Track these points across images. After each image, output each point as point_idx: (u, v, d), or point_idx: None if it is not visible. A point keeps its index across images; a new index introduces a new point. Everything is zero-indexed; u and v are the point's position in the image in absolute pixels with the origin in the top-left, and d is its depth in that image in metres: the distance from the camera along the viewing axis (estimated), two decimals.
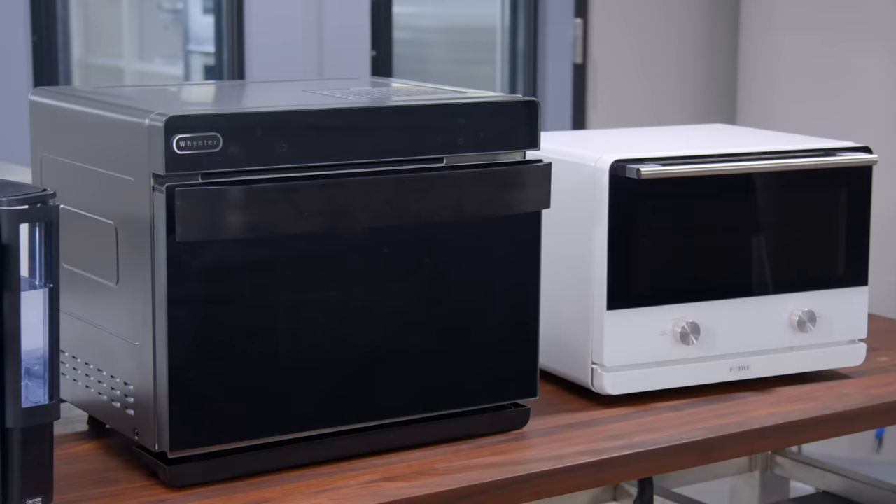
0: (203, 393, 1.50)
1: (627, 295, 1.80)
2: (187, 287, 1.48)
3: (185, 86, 2.58)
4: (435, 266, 1.62)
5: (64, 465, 1.54)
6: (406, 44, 5.08)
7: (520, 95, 1.72)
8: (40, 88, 1.71)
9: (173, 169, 1.45)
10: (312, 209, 1.52)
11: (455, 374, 1.65)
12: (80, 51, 5.01)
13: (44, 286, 1.38)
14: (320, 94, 1.68)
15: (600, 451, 1.66)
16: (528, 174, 1.65)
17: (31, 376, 1.39)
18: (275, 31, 4.53)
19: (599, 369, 1.81)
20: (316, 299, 1.56)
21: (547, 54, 4.99)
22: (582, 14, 4.95)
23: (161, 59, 5.68)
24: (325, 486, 1.52)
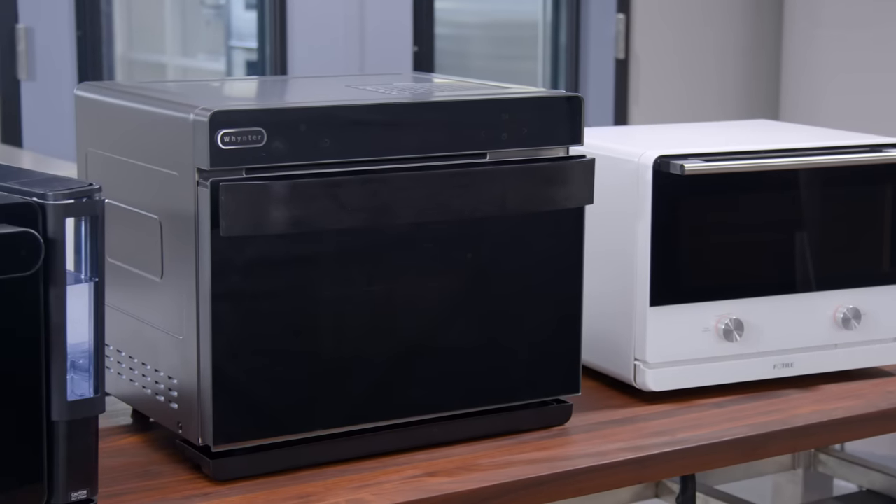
0: (246, 387, 1.50)
1: (671, 291, 1.80)
2: (231, 281, 1.48)
3: (228, 81, 2.59)
4: (477, 262, 1.62)
5: (108, 458, 1.55)
6: (447, 39, 5.08)
7: (563, 91, 1.71)
8: (86, 83, 1.71)
9: (218, 164, 1.46)
10: (355, 204, 1.52)
11: (498, 370, 1.65)
12: (122, 46, 5.03)
13: (89, 280, 1.39)
14: (364, 90, 1.69)
15: (643, 448, 1.66)
16: (572, 170, 1.64)
17: (76, 370, 1.39)
18: (317, 26, 4.54)
19: (642, 366, 1.80)
20: (358, 294, 1.56)
21: (589, 50, 4.98)
22: (624, 9, 4.94)
23: (203, 54, 5.70)
24: (367, 481, 1.52)
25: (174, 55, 5.67)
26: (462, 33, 5.48)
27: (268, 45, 4.58)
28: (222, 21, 5.53)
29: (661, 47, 4.96)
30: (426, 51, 4.73)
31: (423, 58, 4.71)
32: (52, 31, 4.13)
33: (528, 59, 5.40)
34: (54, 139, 4.04)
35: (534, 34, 5.31)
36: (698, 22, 5.01)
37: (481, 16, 5.62)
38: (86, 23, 4.23)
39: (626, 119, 4.94)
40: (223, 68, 5.46)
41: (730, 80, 5.07)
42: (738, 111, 5.04)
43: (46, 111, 4.08)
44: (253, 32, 4.86)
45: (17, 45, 4.06)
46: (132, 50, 5.33)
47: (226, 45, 5.50)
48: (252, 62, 5.16)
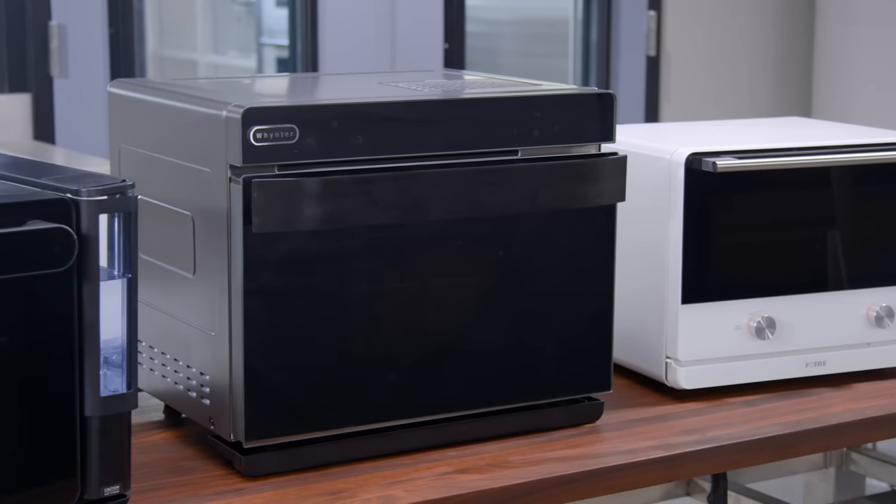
0: (278, 383, 1.51)
1: (702, 289, 1.79)
2: (263, 278, 1.49)
3: (260, 78, 2.60)
4: (509, 259, 1.62)
5: (140, 454, 1.55)
6: (478, 36, 5.07)
7: (595, 88, 1.71)
8: (119, 80, 1.72)
9: (250, 160, 1.46)
10: (387, 201, 1.52)
11: (529, 367, 1.65)
12: (154, 43, 5.05)
13: (122, 276, 1.40)
14: (395, 87, 1.69)
15: (674, 446, 1.65)
16: (604, 167, 1.64)
17: (109, 365, 1.40)
18: (348, 23, 4.55)
19: (673, 363, 1.80)
20: (390, 291, 1.56)
21: (620, 47, 4.97)
22: (655, 6, 4.93)
23: (234, 51, 5.72)
24: (398, 478, 1.53)
25: (205, 52, 5.68)
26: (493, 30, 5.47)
27: (299, 42, 4.59)
28: (253, 18, 5.54)
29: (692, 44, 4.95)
30: (457, 48, 4.73)
31: (454, 55, 4.71)
32: (84, 29, 4.14)
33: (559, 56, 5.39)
34: (87, 136, 4.06)
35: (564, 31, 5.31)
36: (730, 18, 5.00)
37: (512, 13, 5.61)
38: (118, 20, 4.24)
39: (656, 116, 4.93)
40: (254, 65, 5.47)
41: (761, 78, 5.05)
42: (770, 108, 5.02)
43: (79, 108, 4.09)
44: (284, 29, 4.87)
45: (50, 42, 4.08)
46: (163, 47, 5.34)
47: (257, 42, 5.51)
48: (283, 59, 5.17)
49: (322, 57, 4.54)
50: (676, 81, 4.94)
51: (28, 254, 1.31)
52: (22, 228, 1.30)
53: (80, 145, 4.01)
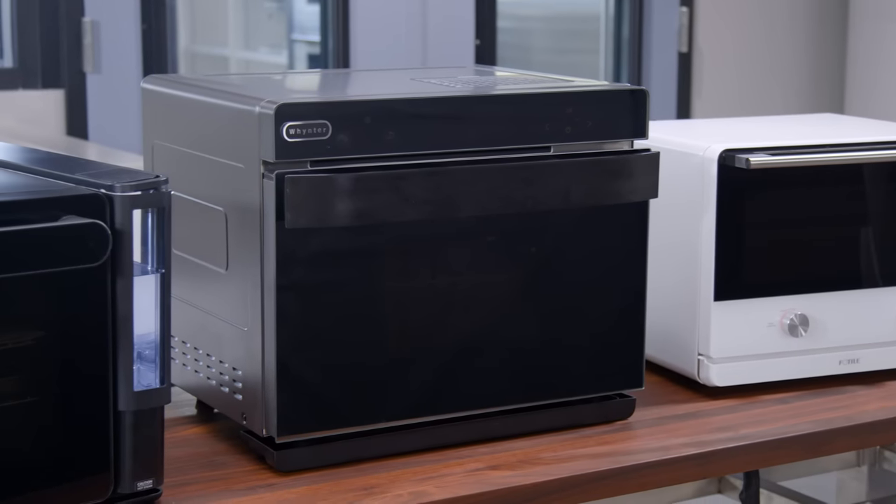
0: (310, 379, 1.51)
1: (735, 286, 1.79)
2: (296, 273, 1.49)
3: (292, 74, 2.60)
4: (541, 255, 1.62)
5: (173, 449, 1.56)
6: (509, 32, 5.07)
7: (628, 84, 1.71)
8: (152, 76, 1.73)
9: (283, 156, 1.46)
10: (419, 197, 1.52)
11: (560, 364, 1.65)
12: (186, 40, 5.07)
13: (156, 271, 1.40)
14: (428, 83, 1.69)
15: (706, 443, 1.65)
16: (636, 163, 1.64)
17: (142, 360, 1.41)
18: (380, 19, 4.55)
19: (706, 360, 1.80)
20: (422, 287, 1.56)
21: (652, 43, 4.96)
22: (688, 2, 4.91)
23: (265, 47, 5.73)
24: (430, 474, 1.53)
25: (236, 48, 5.70)
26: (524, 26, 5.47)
27: (330, 38, 4.59)
28: (284, 14, 5.55)
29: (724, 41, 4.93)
30: (488, 44, 4.73)
31: (485, 51, 4.71)
32: (117, 25, 4.16)
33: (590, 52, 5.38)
34: (119, 132, 4.07)
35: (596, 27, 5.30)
36: (762, 15, 4.98)
37: (543, 9, 5.61)
38: (151, 16, 4.26)
39: (688, 113, 4.92)
40: (285, 62, 5.49)
41: (794, 74, 5.03)
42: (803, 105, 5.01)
43: (112, 104, 4.11)
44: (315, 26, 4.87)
45: (83, 39, 4.10)
46: (195, 43, 5.36)
47: (288, 39, 5.52)
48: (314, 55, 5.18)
49: (353, 53, 4.54)
50: (708, 78, 4.93)
51: (62, 249, 1.31)
52: (56, 224, 1.31)
53: (113, 141, 4.02)
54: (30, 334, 1.33)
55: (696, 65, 4.92)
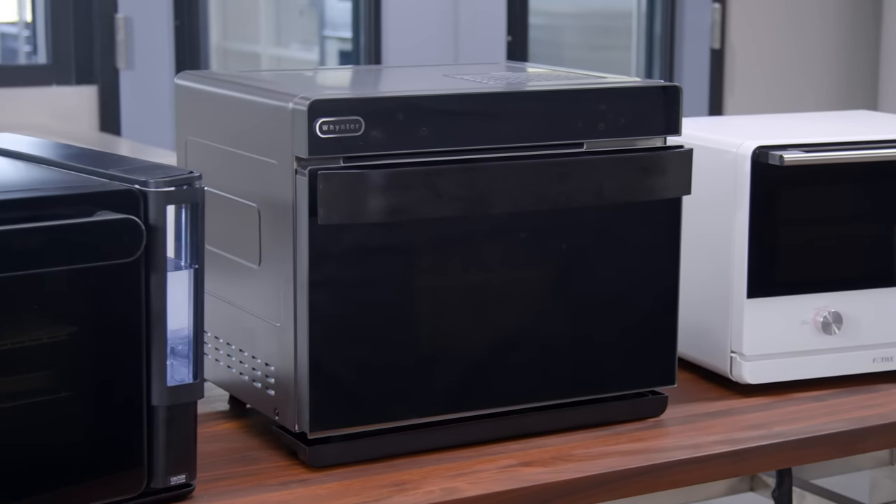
0: (343, 375, 1.51)
1: (768, 283, 1.78)
2: (328, 269, 1.49)
3: (324, 70, 2.61)
4: (573, 251, 1.62)
5: (205, 444, 1.56)
6: (541, 29, 5.07)
7: (661, 80, 1.70)
8: (185, 73, 1.73)
9: (316, 152, 1.47)
10: (452, 193, 1.52)
11: (592, 361, 1.64)
12: (217, 36, 5.08)
13: (189, 267, 1.41)
14: (461, 79, 1.69)
15: (739, 441, 1.64)
16: (670, 160, 1.63)
17: (175, 356, 1.41)
18: (411, 16, 4.55)
19: (739, 358, 1.79)
20: (454, 283, 1.56)
21: (684, 39, 4.94)
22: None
23: (297, 44, 5.74)
24: (462, 470, 1.53)
25: (268, 45, 5.71)
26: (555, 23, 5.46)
27: (362, 34, 4.60)
28: (316, 11, 5.56)
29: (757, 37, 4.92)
30: (520, 40, 4.72)
31: (517, 47, 4.70)
32: (150, 21, 4.18)
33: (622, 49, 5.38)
34: (151, 128, 4.09)
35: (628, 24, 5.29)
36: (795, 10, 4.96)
37: (575, 5, 5.60)
38: (183, 12, 4.27)
39: (720, 110, 4.90)
40: (316, 58, 5.49)
41: (827, 71, 5.01)
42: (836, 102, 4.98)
43: (144, 100, 4.12)
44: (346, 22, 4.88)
45: (116, 35, 4.12)
46: (227, 39, 5.38)
47: (319, 35, 5.53)
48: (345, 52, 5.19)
49: (385, 50, 4.55)
50: (740, 74, 4.91)
51: (97, 244, 1.32)
52: (91, 219, 1.32)
53: (145, 137, 4.04)
54: (64, 329, 1.34)
55: (729, 61, 4.91)
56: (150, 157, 1.53)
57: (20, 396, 1.32)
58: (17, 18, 4.72)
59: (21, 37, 4.64)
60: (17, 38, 4.69)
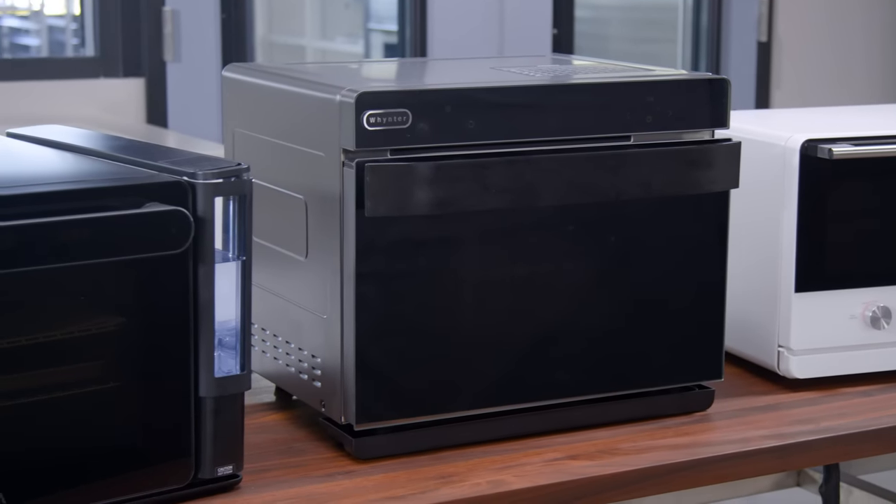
0: (389, 367, 1.51)
1: (816, 277, 1.77)
2: (375, 262, 1.49)
3: (371, 63, 2.61)
4: (620, 244, 1.61)
5: (252, 435, 1.56)
6: (586, 22, 5.05)
7: (709, 73, 1.69)
8: (233, 65, 1.73)
9: (363, 145, 1.47)
10: (500, 186, 1.52)
11: (639, 354, 1.64)
12: (263, 29, 5.09)
13: (237, 259, 1.41)
14: (508, 72, 1.68)
15: (786, 436, 1.63)
16: (718, 153, 1.63)
17: (223, 347, 1.42)
18: (457, 9, 4.55)
19: (786, 352, 1.78)
20: (501, 276, 1.56)
21: (731, 32, 4.92)
22: None
23: (342, 37, 5.75)
24: (508, 463, 1.53)
25: (313, 38, 5.72)
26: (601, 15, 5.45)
27: (408, 27, 4.60)
28: (361, 3, 5.56)
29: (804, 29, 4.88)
30: (566, 33, 4.71)
31: (563, 40, 4.69)
32: (197, 14, 4.19)
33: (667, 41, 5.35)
34: (198, 120, 4.11)
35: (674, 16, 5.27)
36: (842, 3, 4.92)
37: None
38: (230, 5, 4.29)
39: (767, 103, 4.87)
40: (361, 51, 5.50)
41: (874, 63, 4.97)
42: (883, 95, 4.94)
43: (191, 92, 4.14)
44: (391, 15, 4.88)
45: (163, 28, 4.13)
46: (272, 32, 5.39)
47: (364, 28, 5.53)
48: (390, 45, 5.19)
49: (430, 43, 4.55)
50: (788, 67, 4.88)
51: (145, 236, 1.33)
52: (140, 211, 1.32)
53: (192, 129, 4.06)
54: (113, 320, 1.35)
55: (776, 54, 4.88)
56: (196, 150, 1.53)
57: (70, 387, 1.33)
58: (66, 11, 4.75)
59: (69, 29, 4.67)
60: (65, 30, 4.72)
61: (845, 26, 4.94)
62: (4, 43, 4.78)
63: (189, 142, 3.66)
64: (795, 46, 4.89)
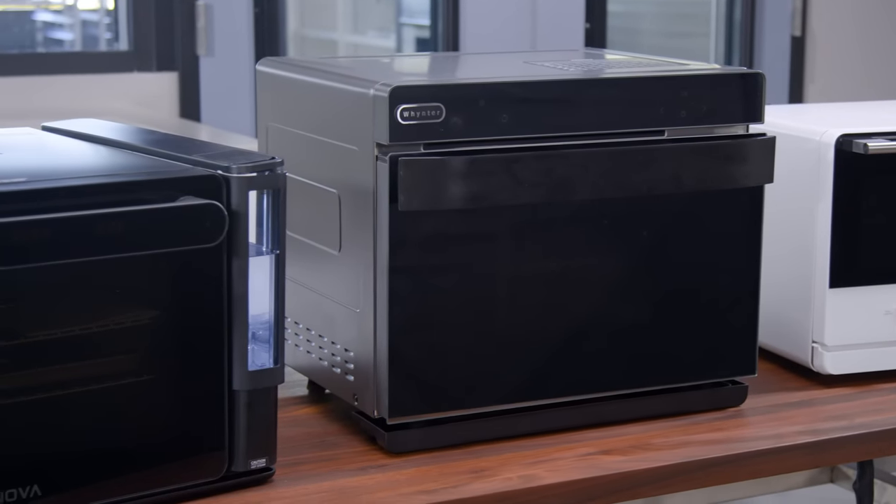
0: (422, 361, 1.51)
1: (851, 273, 1.76)
2: (408, 256, 1.49)
3: (404, 57, 2.61)
4: (654, 239, 1.61)
5: (284, 428, 1.57)
6: (618, 16, 5.04)
7: (743, 67, 1.68)
8: (267, 59, 1.74)
9: (397, 139, 1.47)
10: (533, 180, 1.52)
11: (672, 349, 1.63)
12: (295, 23, 5.10)
13: (270, 252, 1.41)
14: (542, 66, 1.68)
15: (820, 432, 1.63)
16: (752, 148, 1.62)
17: (256, 340, 1.42)
18: (489, 3, 4.55)
19: (820, 348, 1.77)
20: (533, 270, 1.56)
21: (764, 26, 4.90)
22: None
23: (374, 31, 5.75)
24: (541, 457, 1.52)
25: (345, 32, 5.72)
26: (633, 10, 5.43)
27: (440, 21, 4.60)
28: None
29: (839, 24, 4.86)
30: (598, 27, 4.70)
31: (595, 34, 4.68)
32: (230, 8, 4.20)
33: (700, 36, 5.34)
34: (231, 114, 4.12)
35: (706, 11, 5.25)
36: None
37: None
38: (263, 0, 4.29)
39: (801, 98, 4.85)
40: (393, 45, 5.50)
41: None
42: None
43: (224, 87, 4.15)
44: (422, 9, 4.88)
45: (196, 22, 4.14)
46: (304, 27, 5.39)
47: (396, 22, 5.54)
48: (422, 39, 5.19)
49: (463, 37, 4.54)
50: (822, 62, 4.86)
51: (180, 229, 1.33)
52: (174, 204, 1.33)
53: (224, 123, 4.07)
54: (147, 313, 1.35)
55: (810, 48, 4.86)
56: (230, 144, 1.54)
57: (104, 379, 1.33)
58: (99, 6, 4.76)
59: (102, 24, 4.68)
60: (99, 24, 4.74)
61: (879, 21, 4.91)
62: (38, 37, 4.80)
63: (222, 136, 3.67)
64: (829, 41, 4.87)
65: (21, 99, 4.04)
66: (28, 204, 1.26)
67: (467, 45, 4.53)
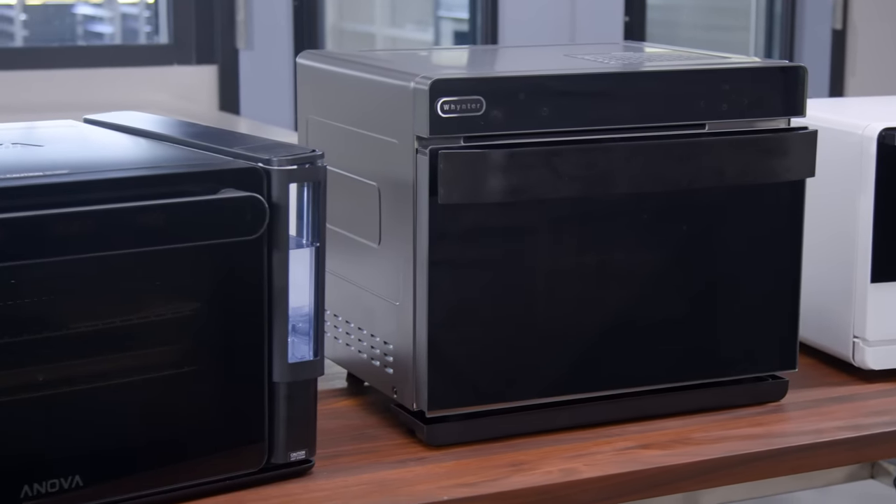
0: (461, 354, 1.51)
1: (893, 267, 1.75)
2: (448, 249, 1.49)
3: (443, 50, 2.61)
4: (694, 233, 1.60)
5: (324, 421, 1.57)
6: (657, 9, 5.02)
7: (785, 61, 1.68)
8: (307, 52, 1.74)
9: (437, 132, 1.47)
10: (573, 174, 1.51)
11: (712, 344, 1.63)
12: (333, 16, 5.11)
13: (310, 245, 1.42)
14: (582, 59, 1.68)
15: (861, 427, 1.62)
16: (794, 142, 1.61)
17: (296, 333, 1.42)
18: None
19: (861, 343, 1.76)
20: (573, 264, 1.56)
21: (805, 20, 4.87)
22: None
23: (412, 24, 5.75)
24: (580, 451, 1.52)
25: (383, 25, 5.73)
26: (672, 3, 5.41)
27: (479, 14, 4.60)
28: None
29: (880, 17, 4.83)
30: (637, 20, 4.69)
31: (635, 27, 4.67)
32: (270, 2, 4.21)
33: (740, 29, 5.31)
34: (270, 107, 4.13)
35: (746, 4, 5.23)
36: None
37: None
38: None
39: (841, 91, 4.83)
40: (431, 38, 5.50)
41: None
42: None
43: (263, 80, 4.16)
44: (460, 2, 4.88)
45: (236, 16, 4.16)
46: (342, 20, 5.40)
47: (434, 16, 5.53)
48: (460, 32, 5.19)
49: (501, 30, 4.54)
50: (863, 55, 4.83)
51: (221, 221, 1.33)
52: (215, 196, 1.33)
53: (264, 116, 4.08)
54: (188, 305, 1.36)
55: (851, 42, 4.83)
56: (269, 136, 1.54)
57: (146, 370, 1.34)
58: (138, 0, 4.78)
59: (142, 17, 4.71)
60: (139, 18, 4.76)
61: None
62: (79, 31, 4.82)
63: (261, 128, 3.68)
64: (870, 34, 4.84)
65: (62, 92, 4.07)
66: (70, 196, 1.27)
67: (506, 39, 4.52)
